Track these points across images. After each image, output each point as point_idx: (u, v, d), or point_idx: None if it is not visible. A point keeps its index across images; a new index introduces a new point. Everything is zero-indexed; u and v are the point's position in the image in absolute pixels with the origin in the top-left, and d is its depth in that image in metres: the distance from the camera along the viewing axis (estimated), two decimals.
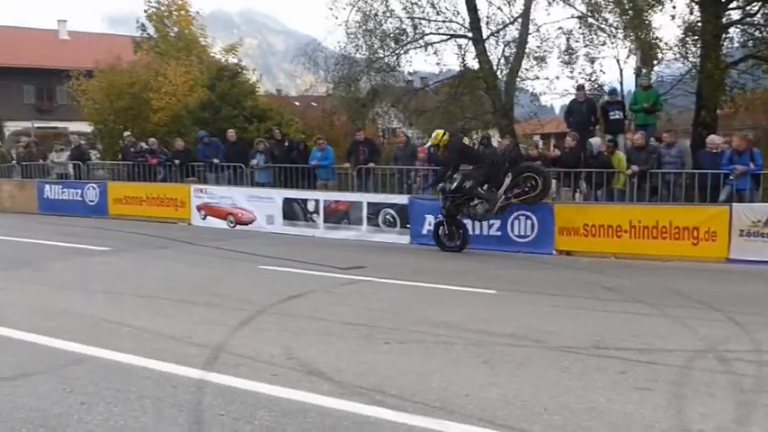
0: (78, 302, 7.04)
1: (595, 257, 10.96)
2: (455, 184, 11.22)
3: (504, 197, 11.21)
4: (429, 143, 12.03)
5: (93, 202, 17.16)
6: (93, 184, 17.42)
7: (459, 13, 19.20)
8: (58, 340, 5.40)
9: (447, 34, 19.73)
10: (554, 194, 13.08)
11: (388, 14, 19.45)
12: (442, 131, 11.93)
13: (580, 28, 18.35)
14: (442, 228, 11.69)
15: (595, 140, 13.03)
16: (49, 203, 17.86)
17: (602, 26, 17.86)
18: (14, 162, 19.69)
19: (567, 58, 18.68)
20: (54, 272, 9.00)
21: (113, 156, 21.96)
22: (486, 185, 11.29)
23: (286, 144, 16.23)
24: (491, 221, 11.79)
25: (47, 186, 18.08)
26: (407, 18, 19.52)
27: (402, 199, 13.11)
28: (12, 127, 35.84)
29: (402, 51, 19.82)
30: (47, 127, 34.85)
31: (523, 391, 4.38)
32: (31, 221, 15.94)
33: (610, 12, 17.45)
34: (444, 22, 19.65)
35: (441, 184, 11.60)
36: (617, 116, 13.59)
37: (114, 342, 5.38)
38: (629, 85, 18.25)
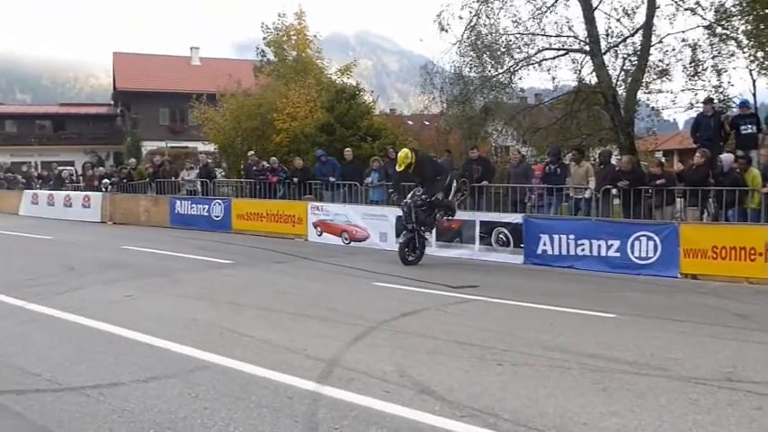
0: (205, 312, 7.43)
1: (725, 282, 10.22)
2: (432, 196, 11.85)
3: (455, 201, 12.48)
4: (399, 167, 11.97)
5: (218, 217, 18.13)
6: (219, 201, 18.42)
7: (571, 27, 18.73)
8: (186, 347, 5.72)
9: (564, 49, 19.27)
10: (678, 213, 12.38)
11: (501, 32, 19.31)
12: (408, 151, 12.22)
13: (708, 38, 17.32)
14: (411, 242, 11.98)
15: (726, 157, 12.16)
16: (179, 218, 19.06)
17: (733, 35, 16.77)
18: (148, 180, 21.21)
19: (692, 70, 17.67)
20: (183, 283, 9.55)
21: (237, 174, 23.16)
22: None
23: None
24: (610, 242, 11.35)
25: (178, 202, 19.31)
26: (521, 34, 19.28)
27: (516, 218, 12.86)
28: (149, 146, 38.80)
29: (516, 68, 19.57)
30: (179, 147, 37.37)
31: (646, 423, 4.14)
32: (164, 234, 17.06)
33: (741, 20, 16.37)
34: (559, 36, 19.23)
35: (407, 200, 11.97)
36: (750, 130, 12.66)
37: (236, 351, 5.62)
38: (763, 96, 17.00)
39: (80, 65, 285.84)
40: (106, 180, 22.87)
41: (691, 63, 17.65)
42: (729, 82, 17.36)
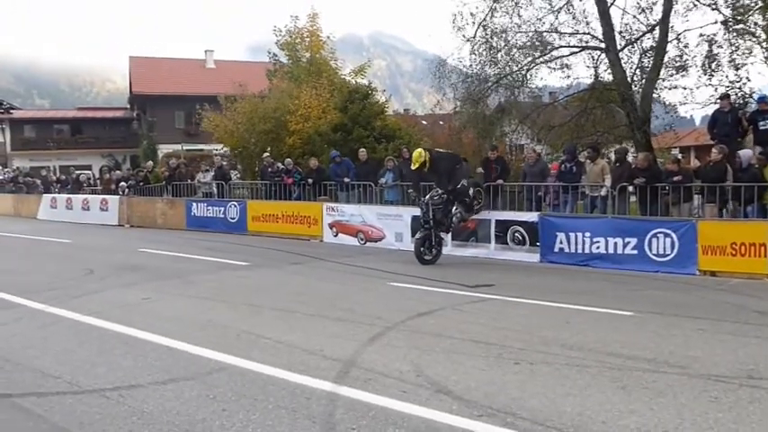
0: (222, 314, 7.47)
1: (744, 279, 10.11)
2: (457, 185, 11.98)
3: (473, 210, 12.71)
4: (414, 166, 12.08)
5: (234, 219, 18.22)
6: (235, 203, 18.51)
7: (589, 23, 18.58)
8: (203, 349, 5.75)
9: (578, 46, 19.13)
10: (695, 210, 12.25)
11: (515, 30, 19.22)
12: (421, 150, 12.41)
13: (725, 33, 17.11)
14: (427, 240, 11.98)
15: (745, 152, 12.02)
16: (195, 220, 19.19)
17: (751, 30, 16.55)
18: (164, 182, 21.36)
19: (708, 65, 17.47)
20: (200, 284, 9.61)
21: (252, 175, 23.30)
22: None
23: None
24: (627, 240, 11.28)
25: (194, 204, 19.45)
26: (536, 32, 19.18)
27: (532, 216, 12.80)
28: (164, 149, 39.07)
29: (531, 66, 19.46)
30: (194, 149, 37.61)
31: (666, 422, 4.10)
32: (180, 237, 17.19)
33: (760, 14, 16.16)
34: (574, 34, 19.10)
35: (425, 198, 12.07)
36: None
37: (253, 352, 5.65)
38: None
39: (96, 69, 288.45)
40: (123, 183, 23.07)
41: (707, 58, 17.46)
42: (747, 77, 17.16)
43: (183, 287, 9.35)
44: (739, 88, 16.98)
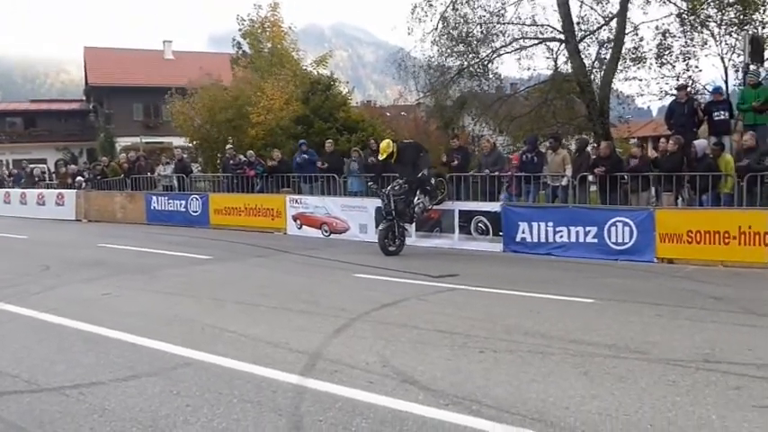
0: (186, 308, 7.37)
1: (701, 265, 10.38)
2: (419, 174, 11.99)
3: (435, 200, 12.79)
4: (381, 156, 12.26)
5: (195, 212, 17.98)
6: (196, 196, 18.25)
7: (547, 15, 18.85)
8: (167, 344, 5.67)
9: (538, 38, 19.36)
10: (653, 199, 12.52)
11: (475, 21, 19.34)
12: (390, 141, 12.60)
13: (682, 26, 17.51)
14: (390, 232, 12.02)
15: (700, 143, 12.34)
16: (156, 214, 18.88)
17: (706, 22, 16.96)
18: (123, 176, 20.90)
19: (664, 58, 17.86)
20: (163, 279, 9.46)
21: (213, 168, 22.98)
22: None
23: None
24: (587, 228, 11.49)
25: (154, 198, 19.12)
26: (496, 24, 19.33)
27: (495, 206, 12.92)
28: (123, 143, 38.27)
29: (492, 57, 19.62)
30: (153, 142, 36.93)
31: (627, 406, 4.20)
32: (140, 231, 16.87)
33: (714, 7, 16.56)
34: (533, 25, 19.32)
35: (386, 190, 12.11)
36: (722, 116, 12.82)
37: (218, 347, 5.59)
38: (733, 83, 17.23)
39: (50, 60, 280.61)
40: (80, 177, 22.56)
41: (662, 50, 17.85)
42: (697, 67, 17.60)
43: (144, 282, 9.19)
44: (690, 79, 17.43)
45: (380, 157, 12.34)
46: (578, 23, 18.68)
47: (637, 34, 18.19)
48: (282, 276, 9.93)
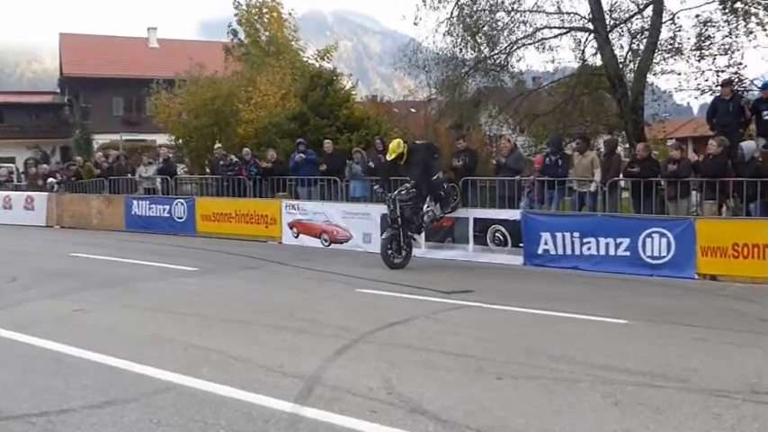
0: (167, 327, 7.35)
1: (748, 283, 10.32)
2: (431, 177, 12.10)
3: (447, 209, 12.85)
4: (390, 156, 12.27)
5: (181, 218, 18.01)
6: (182, 200, 18.29)
7: (573, 3, 18.84)
8: (146, 366, 5.64)
9: (564, 27, 19.35)
10: (693, 207, 12.46)
11: (496, 8, 19.34)
12: (401, 140, 12.76)
13: (724, 14, 17.45)
14: (395, 241, 11.95)
15: (748, 145, 12.23)
16: (136, 220, 18.91)
17: (754, 10, 16.87)
18: (101, 177, 20.90)
19: (705, 50, 17.79)
20: (144, 293, 9.47)
21: (201, 170, 23.01)
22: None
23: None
24: (619, 240, 11.43)
25: (134, 202, 19.15)
26: (517, 11, 19.33)
27: (514, 214, 12.89)
28: (101, 140, 38.36)
29: (513, 49, 19.60)
30: (135, 140, 37.08)
31: None
32: (119, 239, 16.92)
33: None
34: (559, 13, 19.31)
35: (392, 194, 12.06)
36: None
37: (203, 370, 5.57)
38: None
39: (21, 47, 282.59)
40: (52, 179, 22.63)
41: (700, 40, 17.76)
42: (741, 61, 17.49)
43: (122, 296, 9.18)
44: (737, 74, 17.33)
45: (389, 158, 12.34)
46: (609, 11, 18.66)
47: (674, 23, 18.12)
48: (277, 291, 9.92)
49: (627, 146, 18.53)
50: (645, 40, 18.22)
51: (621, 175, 13.01)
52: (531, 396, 5.01)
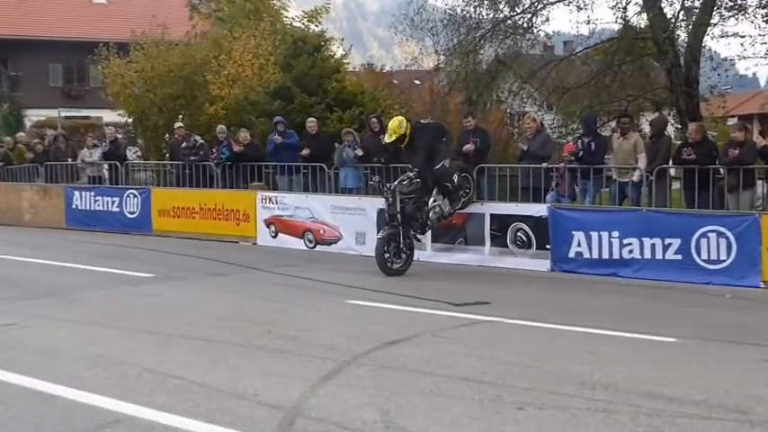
0: (116, 345, 7.36)
1: None
2: (438, 164, 12.10)
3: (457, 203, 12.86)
4: (389, 138, 12.27)
5: (133, 214, 18.01)
6: (134, 191, 18.26)
7: None
8: (90, 394, 5.65)
9: None
10: (759, 201, 12.48)
11: None
12: (403, 119, 12.59)
13: None
14: (393, 242, 12.00)
15: None
16: (78, 216, 18.93)
17: None
18: (34, 162, 20.83)
19: None
20: (86, 305, 9.49)
21: (158, 153, 22.94)
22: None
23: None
24: (668, 241, 11.45)
25: (76, 193, 19.15)
26: None
27: (540, 210, 12.91)
28: (34, 117, 38.18)
29: (539, 7, 19.61)
30: (77, 116, 36.94)
31: None
32: (57, 238, 16.95)
33: None
34: None
35: (391, 184, 12.14)
36: None
37: (159, 398, 5.57)
38: None
39: None
40: None
41: None
42: None
43: (62, 309, 9.20)
44: None
45: (387, 140, 12.33)
46: None
47: None
48: (251, 303, 9.93)
49: (678, 126, 18.55)
50: None
51: (671, 162, 13.03)
52: (559, 430, 5.04)
